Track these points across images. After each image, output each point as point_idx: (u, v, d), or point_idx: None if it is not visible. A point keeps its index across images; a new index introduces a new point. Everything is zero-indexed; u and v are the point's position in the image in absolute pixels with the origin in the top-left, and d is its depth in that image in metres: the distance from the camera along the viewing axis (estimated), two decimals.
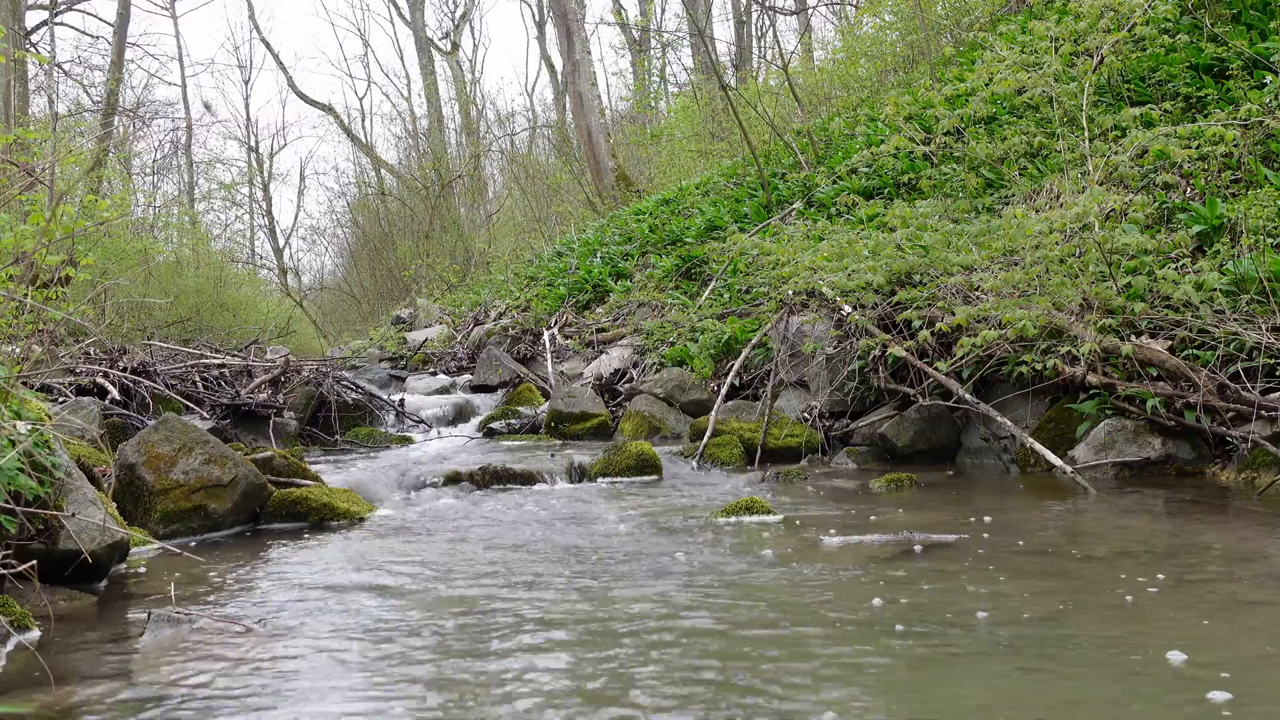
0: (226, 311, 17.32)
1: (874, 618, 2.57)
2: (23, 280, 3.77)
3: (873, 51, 12.98)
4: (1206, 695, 1.94)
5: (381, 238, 24.65)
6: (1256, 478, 4.31)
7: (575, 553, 3.53)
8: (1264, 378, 4.48)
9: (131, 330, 12.83)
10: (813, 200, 9.58)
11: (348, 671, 2.28)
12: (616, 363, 8.78)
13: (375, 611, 2.80)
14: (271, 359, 9.06)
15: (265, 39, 54.12)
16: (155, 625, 2.66)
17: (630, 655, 2.32)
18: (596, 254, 12.44)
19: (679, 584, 3.00)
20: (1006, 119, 7.47)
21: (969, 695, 2.03)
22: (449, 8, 32.50)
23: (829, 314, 6.57)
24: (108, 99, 21.18)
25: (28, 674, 2.31)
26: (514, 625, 2.61)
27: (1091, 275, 5.04)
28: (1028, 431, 5.16)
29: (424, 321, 15.32)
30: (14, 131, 4.51)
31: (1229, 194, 5.47)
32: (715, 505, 4.43)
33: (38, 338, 3.89)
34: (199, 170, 29.99)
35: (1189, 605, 2.59)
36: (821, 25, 20.94)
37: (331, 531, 4.17)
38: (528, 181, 22.77)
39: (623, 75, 28.80)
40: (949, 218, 6.54)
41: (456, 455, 6.21)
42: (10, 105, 14.81)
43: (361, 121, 35.86)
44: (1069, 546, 3.37)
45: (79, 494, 3.19)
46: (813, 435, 6.11)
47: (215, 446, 4.25)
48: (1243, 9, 6.78)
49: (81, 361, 7.18)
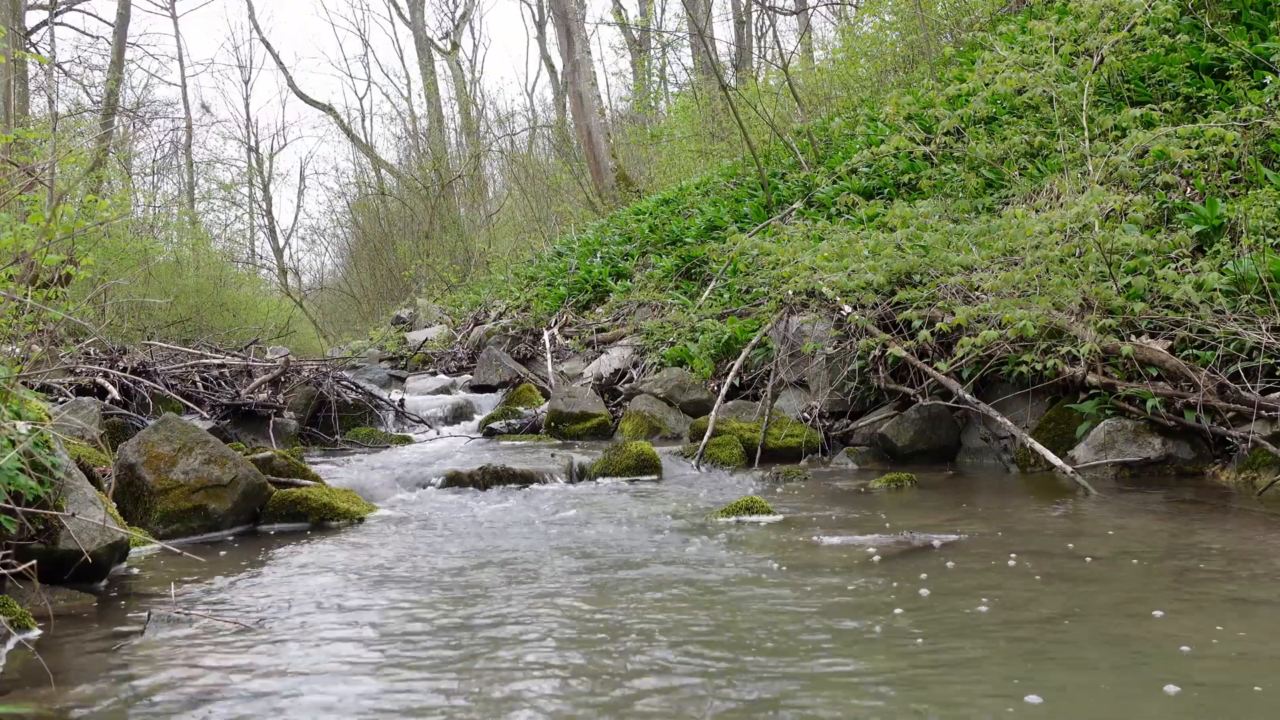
0: (226, 311, 17.34)
1: (874, 618, 2.57)
2: (23, 280, 3.77)
3: (873, 51, 12.99)
4: (1208, 694, 1.94)
5: (381, 238, 24.67)
6: (1256, 478, 4.31)
7: (575, 553, 3.53)
8: (1264, 378, 4.48)
9: (131, 330, 12.83)
10: (813, 200, 9.59)
11: (348, 671, 2.28)
12: (616, 363, 8.78)
13: (375, 612, 2.80)
14: (271, 359, 9.06)
15: (265, 39, 54.23)
16: (155, 625, 2.66)
17: (631, 655, 2.32)
18: (596, 254, 12.44)
19: (679, 584, 3.00)
20: (1006, 119, 7.47)
21: (970, 695, 2.03)
22: (449, 8, 32.55)
23: (829, 314, 6.57)
24: (108, 99, 21.18)
25: (28, 674, 2.31)
26: (514, 625, 2.61)
27: (1091, 275, 5.04)
28: (1028, 431, 5.16)
29: (424, 321, 15.32)
30: (14, 131, 4.51)
31: (1229, 194, 5.47)
32: (715, 505, 4.44)
33: (38, 338, 3.89)
34: (199, 170, 30.02)
35: (1189, 605, 2.59)
36: (821, 25, 20.95)
37: (331, 531, 4.17)
38: (528, 181, 22.78)
39: (623, 75, 28.82)
40: (949, 218, 6.54)
41: (456, 455, 6.21)
42: (10, 105, 14.80)
43: (361, 121, 35.93)
44: (1069, 547, 3.37)
45: (79, 494, 3.19)
46: (813, 435, 6.11)
47: (215, 446, 4.25)
48: (1243, 9, 6.78)
49: (81, 361, 7.18)
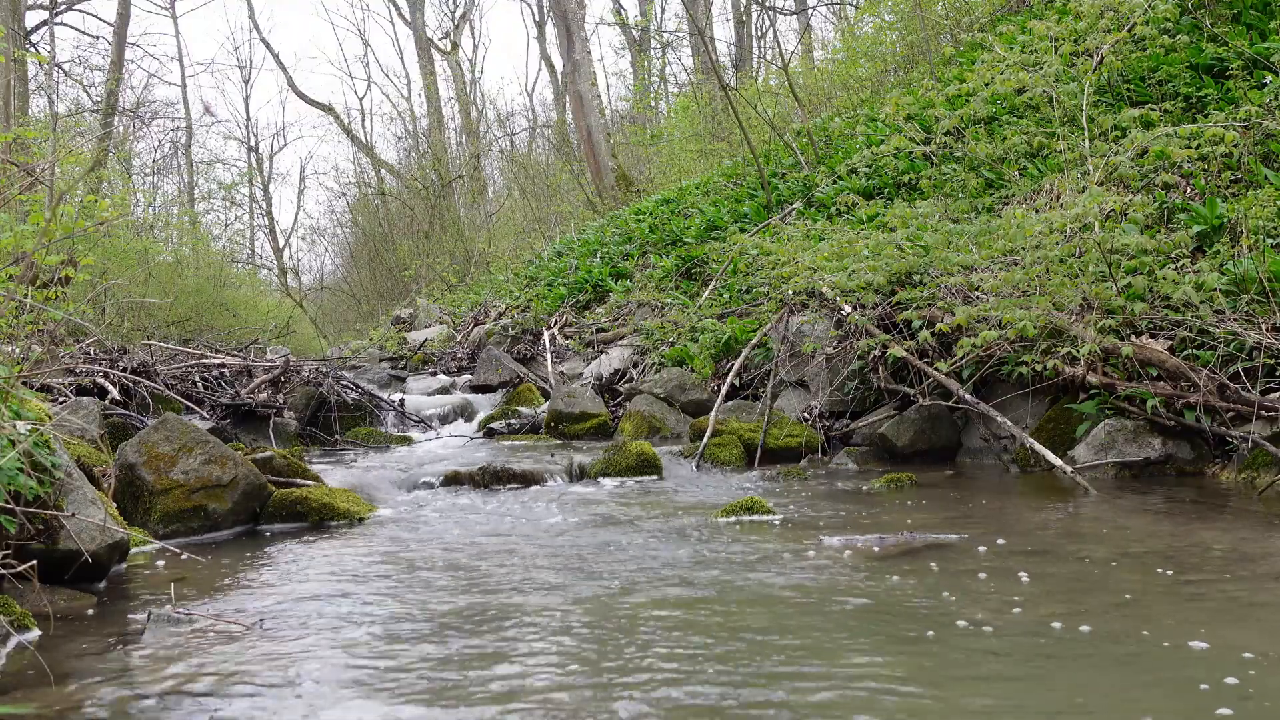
0: (226, 311, 17.34)
1: (875, 618, 2.57)
2: (23, 280, 3.77)
3: (873, 51, 12.99)
4: (1208, 695, 1.94)
5: (381, 238, 24.66)
6: (1256, 478, 4.31)
7: (575, 553, 3.53)
8: (1264, 378, 4.48)
9: (131, 330, 12.81)
10: (813, 200, 9.59)
11: (348, 671, 2.28)
12: (616, 363, 8.78)
13: (375, 611, 2.80)
14: (271, 359, 9.06)
15: (265, 39, 54.27)
16: (155, 625, 2.66)
17: (631, 655, 2.32)
18: (596, 254, 12.44)
19: (679, 584, 3.00)
20: (1006, 119, 7.47)
21: (970, 695, 2.03)
22: (449, 8, 32.52)
23: (829, 314, 6.57)
24: (108, 99, 21.18)
25: (28, 674, 2.31)
26: (514, 624, 2.61)
27: (1091, 275, 5.04)
28: (1028, 431, 5.16)
29: (424, 321, 15.32)
30: (14, 131, 4.51)
31: (1229, 194, 5.47)
32: (715, 505, 4.43)
33: (38, 338, 3.89)
34: (199, 170, 30.00)
35: (1190, 605, 2.59)
36: (821, 25, 20.96)
37: (331, 532, 4.17)
38: (528, 181, 22.79)
39: (623, 75, 28.84)
40: (949, 218, 6.54)
41: (456, 455, 6.21)
42: (10, 105, 14.80)
43: (361, 121, 35.88)
44: (1069, 546, 3.37)
45: (79, 494, 3.19)
46: (813, 435, 6.11)
47: (215, 446, 4.25)
48: (1243, 9, 6.78)
49: (81, 361, 7.17)
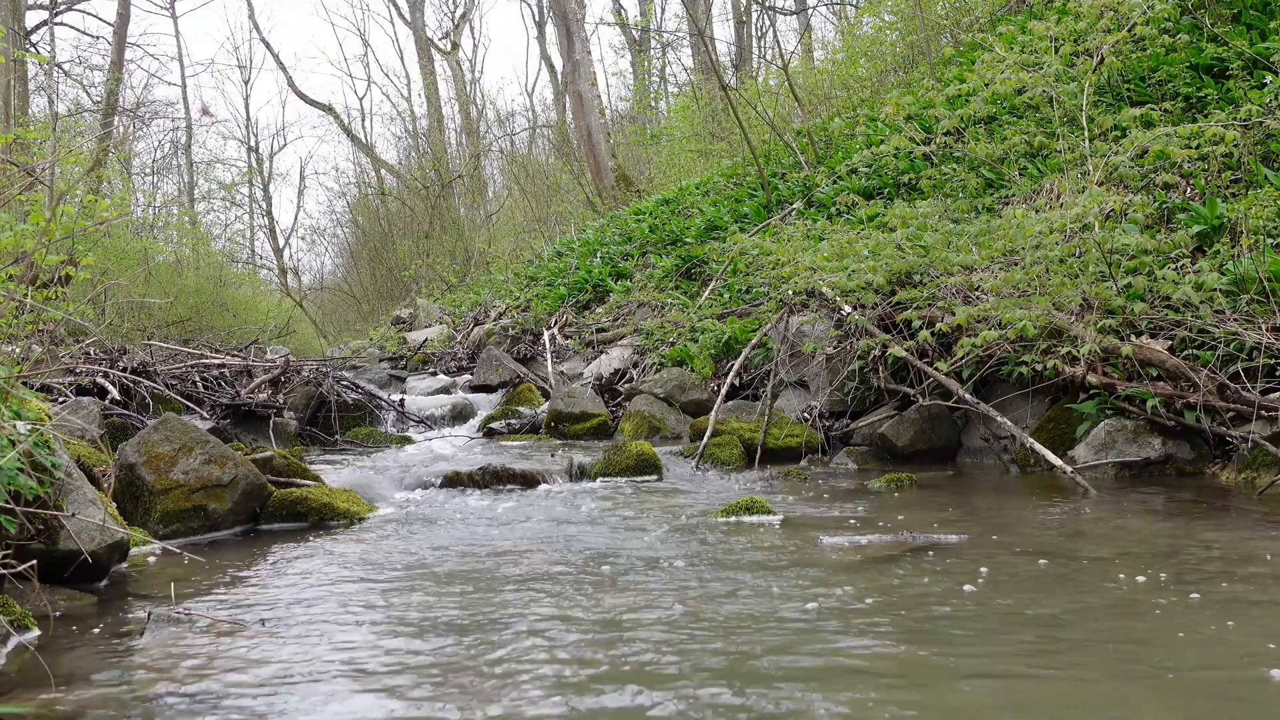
0: (226, 311, 17.35)
1: (875, 618, 2.57)
2: (23, 280, 3.77)
3: (873, 51, 12.99)
4: (1208, 694, 1.94)
5: (381, 238, 24.67)
6: (1256, 478, 4.31)
7: (575, 553, 3.53)
8: (1264, 378, 4.48)
9: (131, 330, 12.82)
10: (813, 200, 9.59)
11: (348, 671, 2.28)
12: (616, 363, 8.78)
13: (376, 611, 2.80)
14: (271, 359, 9.06)
15: (265, 39, 54.30)
16: (155, 625, 2.66)
17: (630, 655, 2.32)
18: (596, 254, 12.44)
19: (678, 583, 3.00)
20: (1006, 119, 7.47)
21: (970, 695, 2.03)
22: (449, 8, 32.52)
23: (829, 314, 6.57)
24: (108, 99, 21.18)
25: (28, 674, 2.31)
26: (514, 624, 2.61)
27: (1091, 275, 5.04)
28: (1028, 431, 5.16)
29: (424, 321, 15.32)
30: (14, 131, 4.51)
31: (1229, 194, 5.47)
32: (715, 505, 4.43)
33: (38, 338, 3.89)
34: (199, 170, 29.99)
35: (1190, 605, 2.59)
36: (821, 25, 20.96)
37: (331, 532, 4.17)
38: (528, 181, 22.80)
39: (623, 75, 28.84)
40: (949, 218, 6.55)
41: (456, 455, 6.21)
42: (10, 105, 14.80)
43: (361, 121, 35.89)
44: (1069, 547, 3.37)
45: (79, 494, 3.19)
46: (813, 435, 6.11)
47: (215, 446, 4.25)
48: (1243, 9, 6.79)
49: (81, 361, 7.17)
